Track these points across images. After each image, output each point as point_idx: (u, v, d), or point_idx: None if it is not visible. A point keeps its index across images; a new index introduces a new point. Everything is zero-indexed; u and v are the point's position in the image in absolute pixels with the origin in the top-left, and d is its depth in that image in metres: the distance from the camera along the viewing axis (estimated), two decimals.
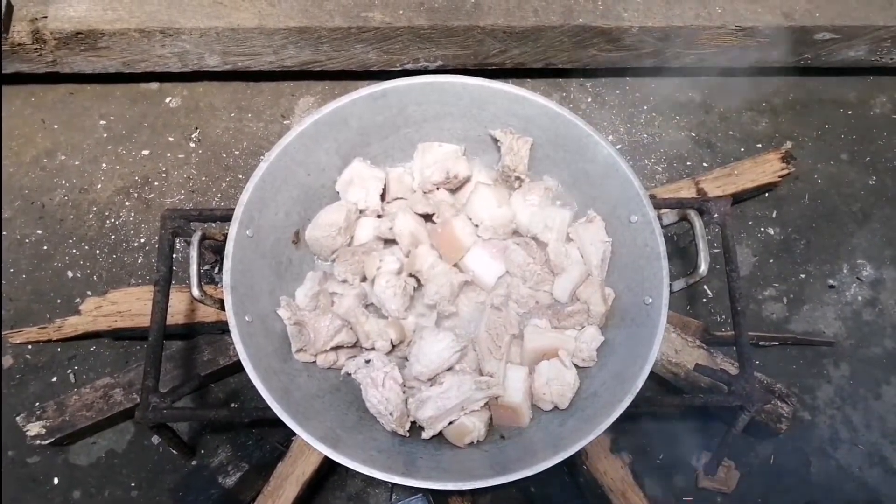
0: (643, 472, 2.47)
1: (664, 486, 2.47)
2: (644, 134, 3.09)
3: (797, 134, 3.14)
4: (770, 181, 2.82)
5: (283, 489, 2.18)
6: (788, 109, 3.20)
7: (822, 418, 2.60)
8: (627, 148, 3.05)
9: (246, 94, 3.09)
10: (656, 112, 3.15)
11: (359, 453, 1.75)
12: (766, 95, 3.23)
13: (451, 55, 2.91)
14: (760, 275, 2.83)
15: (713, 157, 3.05)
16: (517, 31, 2.82)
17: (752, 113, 3.18)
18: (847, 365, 2.68)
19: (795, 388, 2.63)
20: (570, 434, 1.83)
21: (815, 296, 2.80)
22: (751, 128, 3.14)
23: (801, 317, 2.77)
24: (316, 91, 3.11)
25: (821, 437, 2.57)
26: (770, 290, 2.81)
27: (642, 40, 2.90)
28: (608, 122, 3.11)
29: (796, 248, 2.88)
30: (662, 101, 3.18)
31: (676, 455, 2.50)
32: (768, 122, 3.16)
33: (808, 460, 2.53)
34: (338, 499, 2.41)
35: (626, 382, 1.83)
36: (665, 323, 1.88)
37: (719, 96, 3.21)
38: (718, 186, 2.73)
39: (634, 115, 3.14)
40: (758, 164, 2.83)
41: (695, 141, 3.09)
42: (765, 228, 2.92)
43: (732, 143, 3.10)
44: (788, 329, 2.74)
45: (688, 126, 3.13)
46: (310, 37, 2.79)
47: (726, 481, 2.44)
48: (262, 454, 2.37)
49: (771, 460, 2.52)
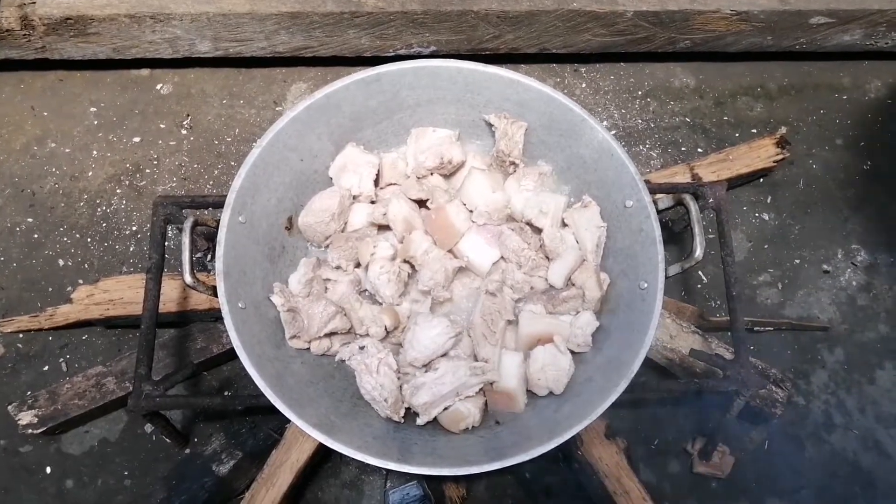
0: (638, 458, 2.48)
1: (659, 472, 2.48)
2: (639, 119, 3.10)
3: (792, 119, 3.14)
4: (765, 166, 2.83)
5: (278, 477, 2.18)
6: (783, 94, 3.20)
7: (816, 403, 2.61)
8: (622, 133, 3.05)
9: (238, 81, 3.09)
10: (651, 97, 3.15)
11: (354, 440, 1.75)
12: (761, 80, 3.23)
13: (444, 40, 2.91)
14: (755, 260, 2.84)
15: (708, 143, 3.06)
16: (511, 16, 2.82)
17: (747, 98, 3.18)
18: (841, 350, 2.69)
19: (790, 373, 2.64)
20: (564, 419, 1.83)
21: (809, 281, 2.81)
22: (745, 113, 3.14)
23: (795, 302, 2.77)
24: (308, 77, 3.10)
25: (815, 422, 2.58)
26: (765, 276, 2.81)
27: (637, 25, 2.90)
28: (602, 107, 3.11)
29: (791, 234, 2.89)
30: (657, 86, 3.18)
31: (671, 440, 2.51)
32: (763, 107, 3.16)
33: (803, 445, 2.54)
34: (332, 486, 2.42)
35: (622, 368, 1.84)
36: (660, 308, 1.89)
37: (714, 81, 3.21)
38: (713, 172, 2.74)
39: (629, 100, 3.14)
40: (752, 150, 2.84)
41: (689, 126, 3.09)
42: (759, 214, 2.93)
43: (727, 128, 3.11)
44: (783, 314, 2.74)
45: (682, 111, 3.13)
46: (302, 22, 2.79)
47: (721, 466, 2.45)
48: (256, 442, 2.37)
49: (765, 445, 2.53)
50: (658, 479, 2.47)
